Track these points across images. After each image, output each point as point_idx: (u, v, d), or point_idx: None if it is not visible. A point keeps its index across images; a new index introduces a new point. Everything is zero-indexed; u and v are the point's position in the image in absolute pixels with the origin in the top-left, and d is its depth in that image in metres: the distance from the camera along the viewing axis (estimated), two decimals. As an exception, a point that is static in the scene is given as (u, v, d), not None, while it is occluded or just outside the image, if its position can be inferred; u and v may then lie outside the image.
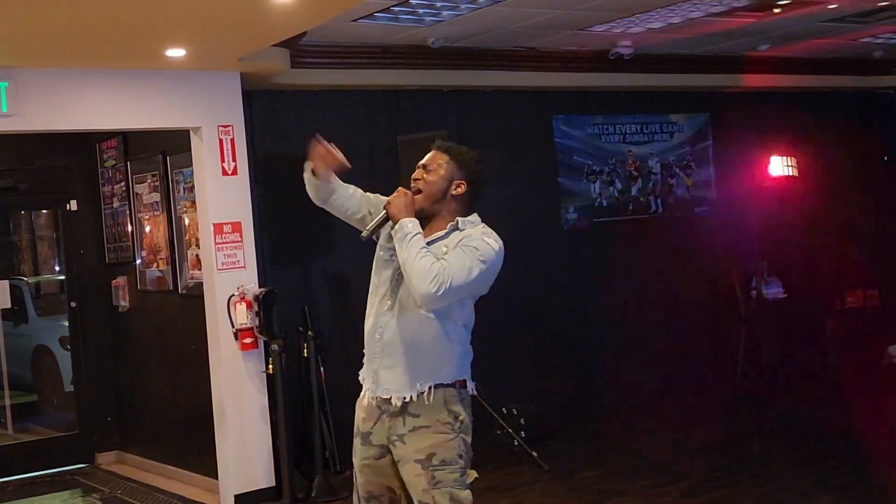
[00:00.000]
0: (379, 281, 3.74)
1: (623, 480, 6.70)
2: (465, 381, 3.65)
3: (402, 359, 3.59)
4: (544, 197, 8.58)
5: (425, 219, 3.65)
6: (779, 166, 9.44)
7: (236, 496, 6.75)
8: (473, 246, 3.54)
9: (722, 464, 6.97)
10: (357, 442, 3.73)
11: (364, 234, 3.73)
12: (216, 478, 6.92)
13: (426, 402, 3.55)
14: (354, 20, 6.63)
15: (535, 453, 7.02)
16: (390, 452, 3.63)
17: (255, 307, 6.64)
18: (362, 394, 3.76)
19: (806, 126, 10.12)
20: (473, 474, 3.65)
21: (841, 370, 9.52)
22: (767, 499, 6.19)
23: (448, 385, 3.59)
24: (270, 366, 6.68)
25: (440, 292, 3.42)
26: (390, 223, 3.63)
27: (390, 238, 3.63)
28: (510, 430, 7.40)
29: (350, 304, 7.79)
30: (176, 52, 6.08)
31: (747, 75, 9.48)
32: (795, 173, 9.53)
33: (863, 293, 10.05)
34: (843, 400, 8.87)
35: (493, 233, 3.65)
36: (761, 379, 9.23)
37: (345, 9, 5.87)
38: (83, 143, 8.25)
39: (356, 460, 3.74)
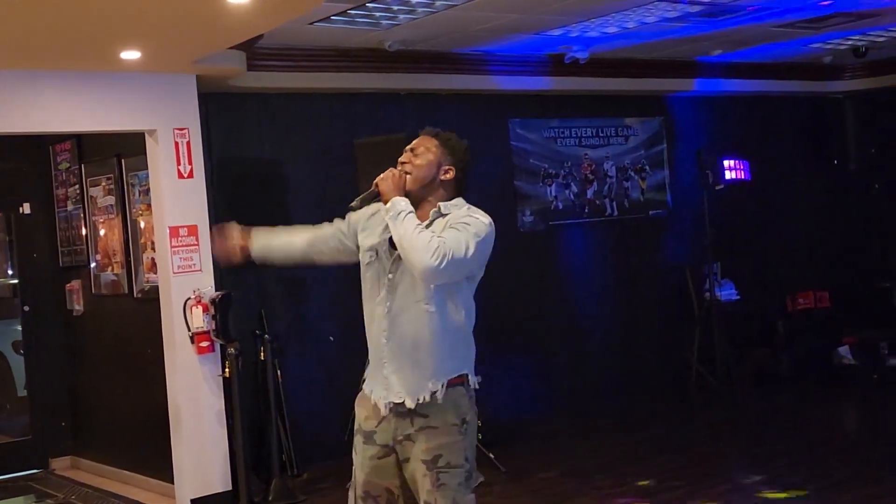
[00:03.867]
0: (368, 286, 3.68)
1: (579, 481, 6.75)
2: (467, 375, 3.60)
3: (408, 360, 3.54)
4: (500, 200, 8.61)
5: (413, 203, 3.56)
6: (732, 170, 9.55)
7: (192, 500, 6.71)
8: (464, 222, 3.49)
9: (677, 464, 7.04)
10: (358, 440, 3.68)
11: (353, 204, 3.67)
12: (172, 482, 6.88)
13: (436, 402, 3.51)
14: (311, 23, 6.62)
15: (492, 455, 7.05)
16: (395, 452, 3.59)
17: (212, 310, 6.61)
18: (363, 392, 3.69)
19: (758, 130, 10.27)
20: (480, 477, 3.63)
21: (792, 370, 9.65)
22: (721, 498, 6.27)
23: (456, 383, 3.55)
24: (227, 369, 6.65)
25: (442, 265, 3.35)
26: (380, 230, 3.59)
27: (368, 242, 3.62)
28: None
29: (307, 307, 7.81)
30: (131, 54, 6.04)
31: (700, 80, 9.60)
32: (748, 177, 9.65)
33: (814, 295, 10.19)
34: (795, 399, 9.01)
35: (479, 210, 3.61)
36: (715, 379, 9.33)
37: (301, 12, 5.87)
38: (36, 146, 8.17)
39: (357, 458, 3.69)
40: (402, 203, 3.49)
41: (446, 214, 3.58)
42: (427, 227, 3.52)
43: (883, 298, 10.16)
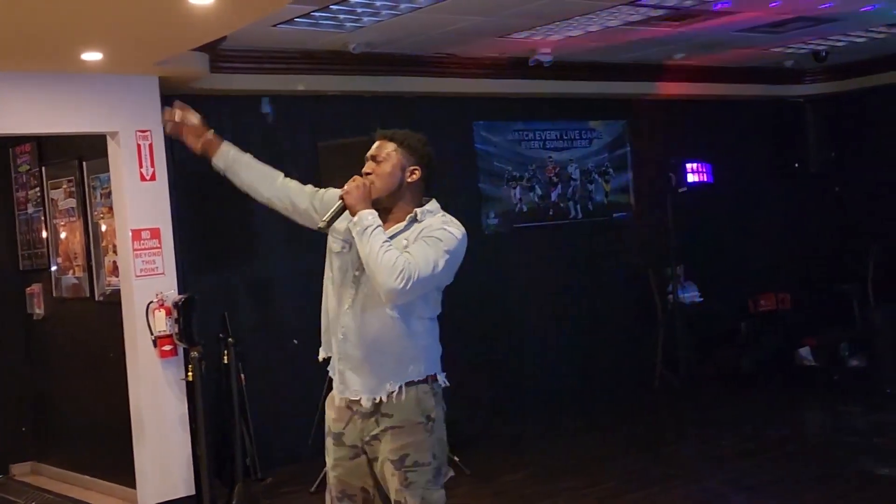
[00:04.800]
0: (334, 275, 3.62)
1: (544, 483, 6.77)
2: (435, 375, 3.58)
3: (367, 359, 3.51)
4: (465, 202, 8.62)
5: (383, 210, 3.53)
6: (694, 173, 9.62)
7: (155, 505, 6.68)
8: (436, 237, 3.45)
9: (641, 465, 7.08)
10: (329, 442, 3.66)
11: (321, 224, 3.58)
12: (134, 487, 6.82)
13: (397, 402, 3.49)
14: (274, 25, 6.60)
15: (456, 458, 7.05)
16: (364, 453, 3.58)
17: (175, 314, 6.55)
18: (332, 393, 3.67)
19: (721, 133, 10.35)
20: (451, 472, 3.63)
21: (754, 371, 9.73)
22: (686, 499, 6.31)
23: (419, 382, 3.52)
24: (190, 373, 6.60)
25: (407, 287, 3.32)
26: (348, 213, 3.52)
27: (344, 230, 3.56)
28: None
29: (271, 310, 7.78)
30: (92, 56, 5.99)
31: (663, 83, 9.66)
32: (710, 179, 9.72)
33: (775, 296, 10.27)
34: (757, 400, 9.08)
35: (454, 220, 3.57)
36: (678, 380, 9.39)
37: (265, 13, 5.84)
38: (-4, 148, 8.09)
39: (329, 460, 3.67)
40: (369, 217, 3.44)
41: (422, 220, 3.54)
42: (402, 232, 3.50)
43: (843, 300, 10.26)
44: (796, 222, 10.85)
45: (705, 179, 9.69)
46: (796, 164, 10.57)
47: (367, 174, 3.58)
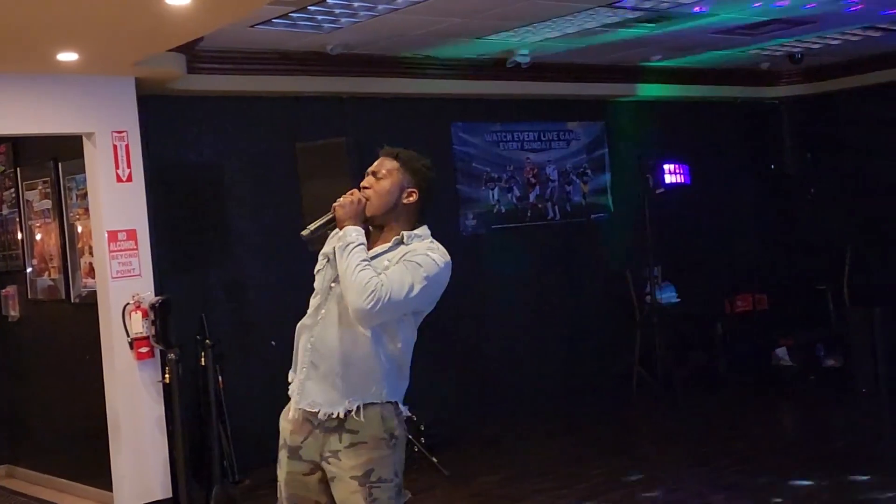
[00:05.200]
0: (316, 286, 3.56)
1: (522, 485, 6.77)
2: (397, 403, 3.51)
3: (330, 373, 3.44)
4: (443, 204, 8.62)
5: (375, 228, 3.50)
6: (672, 174, 9.65)
7: (132, 508, 6.64)
8: (416, 262, 3.39)
9: (619, 466, 7.09)
10: (283, 455, 3.57)
11: (304, 233, 3.51)
12: (111, 490, 6.79)
13: (361, 419, 3.42)
14: (252, 26, 6.58)
15: (434, 459, 7.05)
16: (321, 469, 3.49)
17: (151, 316, 6.53)
18: (288, 405, 3.59)
19: (698, 135, 10.39)
20: (408, 494, 3.58)
21: (731, 372, 9.78)
22: (662, 499, 6.34)
23: (382, 403, 3.46)
24: (167, 375, 6.58)
25: (375, 308, 3.27)
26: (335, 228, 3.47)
27: (329, 244, 3.51)
28: (410, 436, 7.41)
29: (248, 312, 7.75)
30: (68, 56, 5.96)
31: (641, 85, 9.70)
32: (688, 181, 9.76)
33: (752, 297, 10.32)
34: (734, 400, 9.13)
35: (440, 247, 3.51)
36: (655, 381, 9.42)
37: (242, 14, 5.83)
38: (-30, 149, 8.02)
39: (281, 474, 3.58)
40: (353, 234, 3.40)
41: (408, 244, 3.48)
42: (385, 253, 3.46)
43: (819, 301, 10.33)
44: (772, 223, 10.91)
45: (683, 181, 9.72)
46: (772, 166, 10.64)
47: (365, 188, 3.53)
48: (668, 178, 9.61)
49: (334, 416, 3.43)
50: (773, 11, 7.51)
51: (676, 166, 9.67)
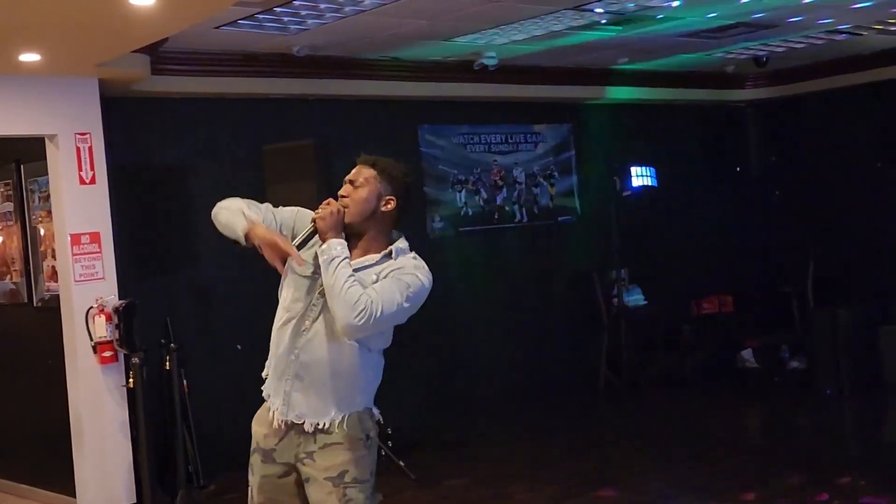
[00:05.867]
0: (293, 295, 3.53)
1: (490, 488, 6.77)
2: (371, 409, 3.56)
3: (317, 384, 3.45)
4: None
5: (353, 236, 3.49)
6: (639, 176, 9.69)
7: (95, 514, 6.58)
8: (406, 281, 3.44)
9: (586, 468, 7.10)
10: (256, 458, 3.56)
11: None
12: (74, 496, 6.72)
13: (344, 427, 3.45)
14: (217, 27, 6.54)
15: (401, 462, 7.03)
16: (296, 471, 3.50)
17: (115, 319, 6.48)
18: (263, 410, 3.58)
19: (664, 137, 10.44)
20: (379, 496, 3.58)
21: (697, 373, 9.83)
22: (629, 501, 6.35)
23: (361, 410, 3.51)
24: (131, 379, 6.53)
25: (368, 324, 3.30)
26: (318, 239, 3.44)
27: (313, 254, 3.48)
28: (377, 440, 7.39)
29: (213, 316, 7.70)
30: (30, 57, 5.89)
31: (608, 87, 9.73)
32: (654, 183, 9.80)
33: (718, 299, 10.39)
34: (700, 402, 9.17)
35: (425, 265, 3.56)
36: (622, 383, 9.45)
37: (207, 15, 5.78)
38: (-70, 150, 7.91)
39: (254, 478, 3.58)
40: (338, 248, 3.39)
41: (395, 259, 3.50)
42: (373, 266, 3.46)
43: (784, 303, 10.41)
44: (738, 226, 10.98)
45: (649, 183, 9.76)
46: (738, 169, 10.71)
47: (343, 197, 3.52)
48: (635, 181, 9.65)
49: (321, 426, 3.45)
50: (723, 18, 7.57)
51: (643, 168, 9.71)
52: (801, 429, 8.31)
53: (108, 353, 6.55)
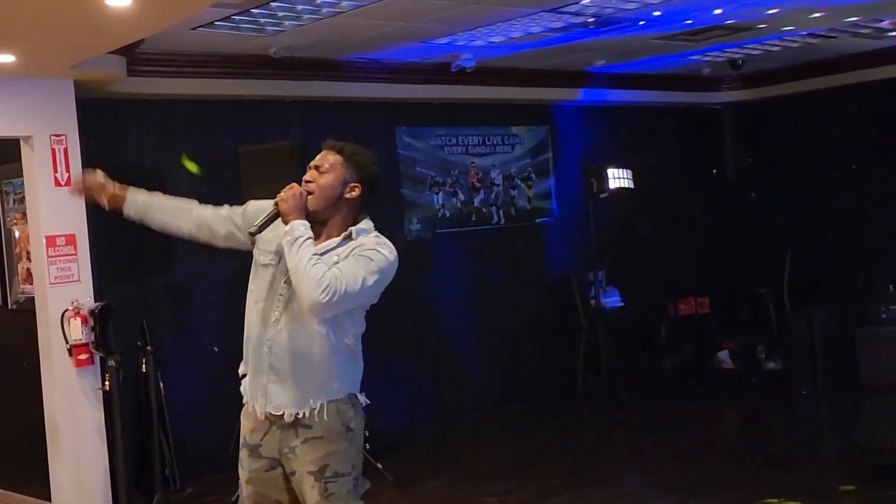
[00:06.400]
0: (259, 287, 3.56)
1: (468, 489, 6.77)
2: (354, 395, 3.56)
3: (291, 374, 3.46)
4: (387, 208, 8.60)
5: (317, 223, 3.49)
6: (616, 178, 9.71)
7: (71, 518, 6.53)
8: (367, 256, 3.42)
9: (564, 470, 7.12)
10: (244, 454, 3.60)
11: (252, 230, 3.51)
12: (49, 500, 6.68)
13: (324, 416, 3.46)
14: (194, 28, 6.50)
15: (379, 465, 7.02)
16: (281, 465, 3.53)
17: (91, 322, 6.44)
18: (247, 405, 3.61)
19: (641, 139, 10.48)
20: (367, 484, 3.59)
21: (674, 375, 9.86)
22: (608, 502, 6.36)
23: (340, 398, 3.50)
24: (107, 382, 6.49)
25: (333, 301, 3.29)
26: (279, 223, 3.46)
27: (273, 242, 3.50)
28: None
29: (190, 318, 7.66)
30: (4, 58, 5.84)
31: (585, 90, 9.75)
32: (631, 185, 9.82)
33: (694, 301, 10.43)
34: (677, 404, 9.20)
35: (387, 241, 3.55)
36: (600, 385, 9.46)
37: (184, 16, 5.75)
38: None
39: (243, 473, 3.61)
40: (301, 228, 3.40)
41: (356, 239, 3.50)
42: (334, 249, 3.46)
43: (760, 304, 10.47)
44: (714, 228, 11.02)
45: (627, 185, 9.78)
46: (714, 171, 10.75)
47: (308, 182, 3.52)
48: (612, 183, 9.66)
49: (300, 415, 3.46)
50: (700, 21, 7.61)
51: (621, 170, 9.73)
52: (778, 429, 8.35)
53: (83, 356, 6.50)
